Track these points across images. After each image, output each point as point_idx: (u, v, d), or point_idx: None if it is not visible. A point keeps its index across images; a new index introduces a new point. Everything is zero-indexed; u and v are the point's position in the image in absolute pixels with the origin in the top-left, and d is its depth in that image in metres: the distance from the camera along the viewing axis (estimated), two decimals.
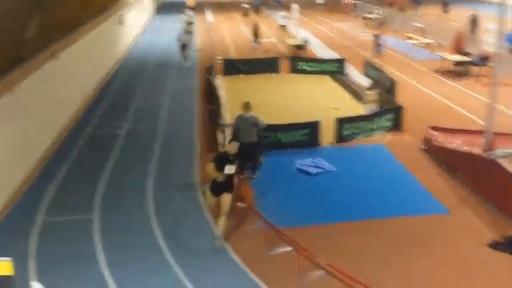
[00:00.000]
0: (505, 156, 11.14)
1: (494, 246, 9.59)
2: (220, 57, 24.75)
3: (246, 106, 12.64)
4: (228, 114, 16.28)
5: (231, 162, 9.70)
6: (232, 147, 9.96)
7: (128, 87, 21.67)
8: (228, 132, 14.06)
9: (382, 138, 15.30)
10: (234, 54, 27.44)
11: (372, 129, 15.47)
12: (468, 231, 10.23)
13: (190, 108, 18.73)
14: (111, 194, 12.05)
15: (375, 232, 10.21)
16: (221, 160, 9.77)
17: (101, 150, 14.68)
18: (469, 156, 12.18)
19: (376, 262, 9.22)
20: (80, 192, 12.16)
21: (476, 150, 11.97)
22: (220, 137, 14.70)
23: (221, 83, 21.39)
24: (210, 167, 9.77)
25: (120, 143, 15.35)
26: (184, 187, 12.39)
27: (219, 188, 9.81)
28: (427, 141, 14.32)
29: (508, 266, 9.06)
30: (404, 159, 13.70)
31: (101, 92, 20.89)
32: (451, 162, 12.95)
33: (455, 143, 13.26)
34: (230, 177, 9.83)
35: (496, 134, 12.17)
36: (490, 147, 11.60)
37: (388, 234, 10.18)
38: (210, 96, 18.90)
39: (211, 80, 19.93)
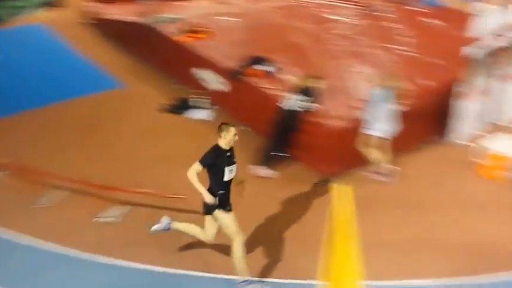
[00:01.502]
0: (164, 22, 11.38)
1: (166, 109, 10.07)
2: None
3: None
4: None
5: (232, 161, 5.97)
6: (225, 140, 5.86)
7: None
8: None
9: (38, 17, 13.97)
10: None
11: (23, 7, 13.88)
12: (143, 100, 10.45)
13: None
14: None
15: (50, 119, 9.60)
16: (219, 159, 5.87)
17: None
18: (132, 25, 12.08)
19: (50, 150, 8.77)
20: None
21: (137, 19, 11.90)
22: None
23: None
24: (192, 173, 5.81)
25: None
26: None
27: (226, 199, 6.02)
28: (88, 14, 13.65)
29: (175, 122, 9.75)
30: (68, 37, 12.88)
31: None
32: (116, 33, 12.70)
33: (117, 12, 12.92)
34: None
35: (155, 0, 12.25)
36: (150, 13, 11.65)
37: (65, 118, 9.74)
38: None
39: None
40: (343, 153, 8.05)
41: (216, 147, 5.88)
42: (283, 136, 8.23)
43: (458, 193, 7.84)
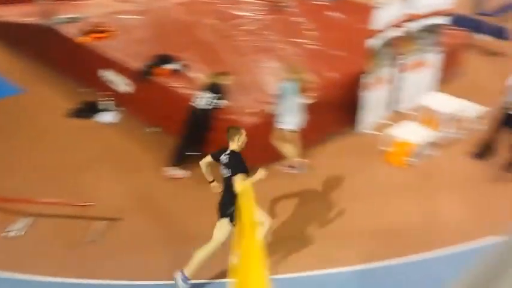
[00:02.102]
0: (64, 22, 10.89)
1: (72, 114, 9.66)
2: None
3: None
4: None
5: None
6: (239, 142, 5.83)
7: None
8: None
9: None
10: None
11: None
12: (47, 106, 9.96)
13: None
14: None
15: None
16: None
17: None
18: (30, 27, 11.45)
19: None
20: None
21: (36, 20, 11.30)
22: None
23: None
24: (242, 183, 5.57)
25: None
26: None
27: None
28: None
29: (82, 127, 9.37)
30: None
31: None
32: (13, 36, 12.01)
33: (12, 14, 12.21)
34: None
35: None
36: (49, 14, 11.11)
37: None
38: None
39: None
40: (256, 148, 8.03)
41: (237, 153, 5.75)
42: (196, 135, 8.13)
43: (368, 181, 8.10)
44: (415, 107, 9.38)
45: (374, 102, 9.19)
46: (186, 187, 7.91)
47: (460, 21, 11.77)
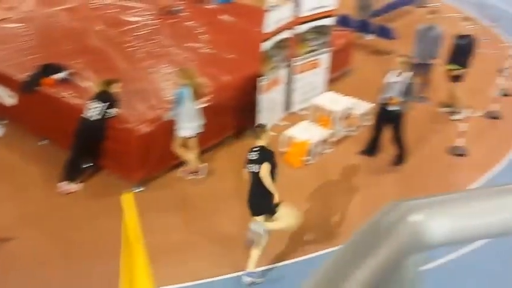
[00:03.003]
0: None
1: None
2: None
3: None
4: None
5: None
6: (267, 139, 6.41)
7: None
8: None
9: None
10: None
11: None
12: None
13: None
14: None
15: None
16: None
17: None
18: None
19: None
20: None
21: None
22: None
23: None
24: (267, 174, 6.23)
25: None
26: None
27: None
28: None
29: None
30: None
31: None
32: None
33: None
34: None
35: None
36: None
37: None
38: None
39: None
40: (152, 157, 7.89)
41: (267, 148, 6.14)
42: (88, 146, 7.82)
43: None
44: (309, 107, 9.62)
45: (270, 104, 9.30)
46: (79, 200, 7.61)
47: (347, 22, 12.22)
